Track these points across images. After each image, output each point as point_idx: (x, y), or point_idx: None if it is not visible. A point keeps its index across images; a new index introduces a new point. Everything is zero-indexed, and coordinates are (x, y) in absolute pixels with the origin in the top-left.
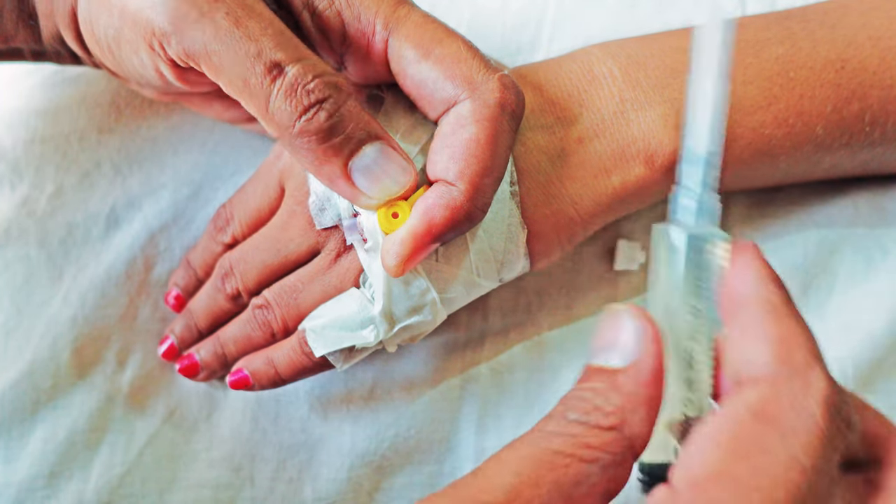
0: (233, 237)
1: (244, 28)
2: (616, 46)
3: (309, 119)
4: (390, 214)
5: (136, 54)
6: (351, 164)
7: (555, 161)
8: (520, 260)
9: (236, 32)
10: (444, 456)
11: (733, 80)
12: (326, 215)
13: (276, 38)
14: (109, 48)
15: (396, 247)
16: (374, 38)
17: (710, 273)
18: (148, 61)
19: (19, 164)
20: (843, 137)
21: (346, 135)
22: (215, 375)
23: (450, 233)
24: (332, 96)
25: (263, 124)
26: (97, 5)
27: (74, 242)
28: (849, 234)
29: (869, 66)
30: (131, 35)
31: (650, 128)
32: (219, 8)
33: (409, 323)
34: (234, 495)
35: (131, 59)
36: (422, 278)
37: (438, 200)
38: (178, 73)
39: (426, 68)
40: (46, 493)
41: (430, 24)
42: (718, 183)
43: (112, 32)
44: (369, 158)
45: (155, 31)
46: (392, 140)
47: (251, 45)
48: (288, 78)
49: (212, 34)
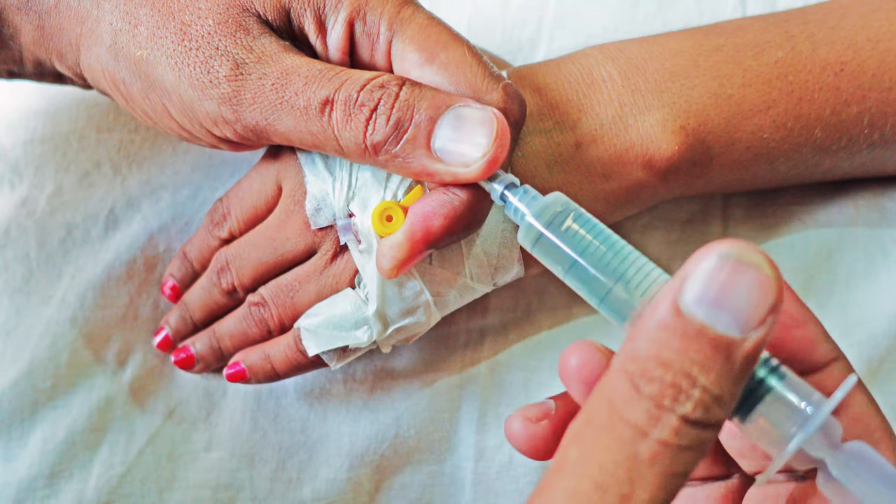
0: (229, 232)
1: (289, 87)
2: (615, 49)
3: (373, 132)
4: (384, 217)
5: (181, 127)
6: (433, 147)
7: (552, 166)
8: (514, 265)
9: (284, 95)
10: (444, 455)
11: (732, 83)
12: (322, 215)
13: (314, 77)
14: (144, 111)
15: (392, 250)
16: (379, 40)
17: None
18: (199, 133)
19: (19, 164)
20: (842, 140)
21: (415, 124)
22: (210, 368)
23: (446, 239)
24: (381, 98)
25: (353, 160)
26: (130, 74)
27: (74, 242)
28: (849, 233)
29: (868, 68)
30: (179, 114)
31: (649, 132)
32: (264, 83)
33: (403, 324)
34: (233, 495)
35: (170, 124)
36: (416, 280)
37: (439, 208)
38: (232, 145)
39: (430, 73)
40: (46, 493)
41: (435, 26)
42: (715, 185)
43: (151, 102)
44: (448, 131)
45: (216, 120)
46: (459, 98)
47: (298, 99)
48: (339, 107)
49: (267, 108)
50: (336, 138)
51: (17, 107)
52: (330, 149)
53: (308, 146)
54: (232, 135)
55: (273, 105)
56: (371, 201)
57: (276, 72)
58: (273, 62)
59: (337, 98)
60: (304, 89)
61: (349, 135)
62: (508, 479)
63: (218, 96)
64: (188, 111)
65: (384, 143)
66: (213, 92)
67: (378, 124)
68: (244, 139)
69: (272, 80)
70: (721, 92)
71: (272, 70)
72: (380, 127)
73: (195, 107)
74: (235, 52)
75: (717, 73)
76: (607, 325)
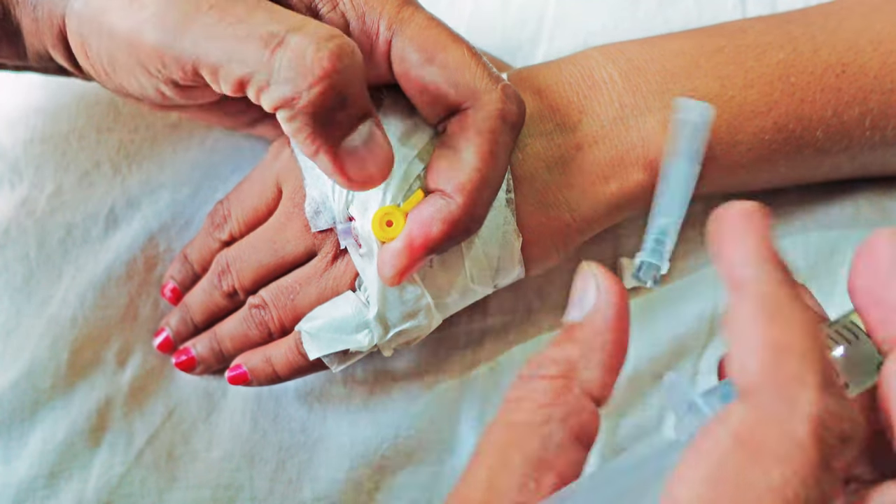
0: (230, 234)
1: (231, 15)
2: (616, 50)
3: (321, 92)
4: (385, 222)
5: (134, 77)
6: (343, 143)
7: (552, 168)
8: (515, 267)
9: (222, 22)
10: (444, 456)
11: (734, 84)
12: (321, 218)
13: (268, 13)
14: (104, 70)
15: (393, 259)
16: (378, 40)
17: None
18: (147, 83)
19: (19, 163)
20: (844, 141)
21: (350, 111)
22: (211, 370)
23: (446, 244)
24: (346, 66)
25: (265, 102)
26: (88, 28)
27: (74, 242)
28: (850, 234)
29: (870, 70)
30: (126, 59)
31: (649, 134)
32: (200, 6)
33: (404, 328)
34: (233, 496)
35: (129, 80)
36: (417, 284)
37: (436, 214)
38: (180, 90)
39: (429, 73)
40: (46, 493)
41: (435, 27)
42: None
43: (105, 56)
44: (360, 139)
45: (149, 53)
46: (378, 118)
47: (240, 26)
48: (292, 46)
49: (200, 34)
50: (270, 74)
51: (16, 106)
52: (253, 87)
53: (230, 85)
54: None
55: (209, 30)
56: (371, 204)
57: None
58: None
59: (291, 37)
60: (247, 18)
61: (289, 76)
62: None
63: (148, 19)
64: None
65: (316, 108)
66: (141, 15)
67: (327, 90)
68: (179, 89)
69: (211, 3)
70: (722, 93)
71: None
72: (325, 93)
73: (130, 40)
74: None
75: (718, 74)
76: None
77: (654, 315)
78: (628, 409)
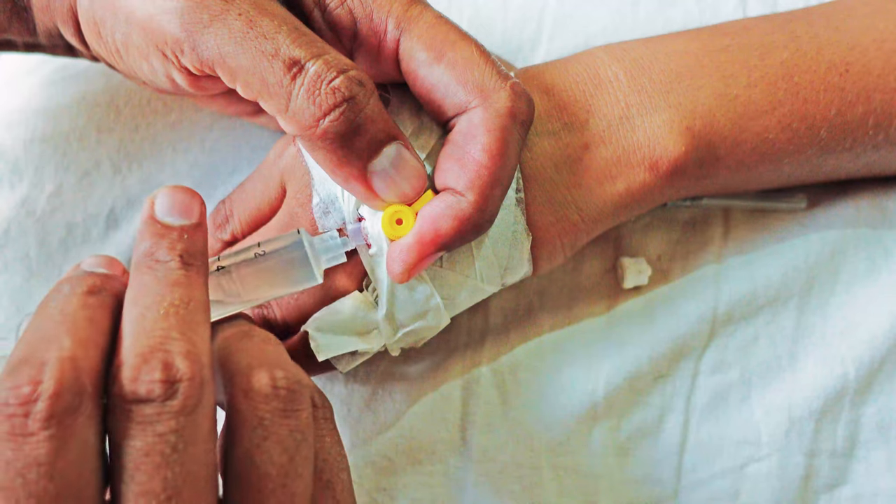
0: (232, 235)
1: (258, 27)
2: (620, 49)
3: (333, 120)
4: (395, 220)
5: (147, 60)
6: (370, 167)
7: (561, 168)
8: (523, 265)
9: (250, 32)
10: (444, 456)
11: (738, 83)
12: (331, 219)
13: (293, 34)
14: (117, 51)
15: (403, 255)
16: (386, 38)
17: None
18: (160, 67)
19: (19, 163)
20: (847, 141)
21: (368, 137)
22: None
23: (457, 241)
24: (357, 95)
25: (283, 124)
26: (102, 8)
27: (74, 242)
28: (850, 234)
29: (873, 69)
30: (141, 42)
31: (655, 133)
32: (230, 10)
33: (413, 328)
34: None
35: (140, 63)
36: (426, 284)
37: (447, 211)
38: (192, 80)
39: (438, 72)
40: None
41: (444, 25)
42: (720, 186)
43: (119, 37)
44: (388, 161)
45: (168, 40)
46: (407, 140)
47: (266, 43)
48: (310, 75)
49: (225, 37)
50: (288, 99)
51: (17, 106)
52: (272, 105)
53: (249, 92)
54: (180, 69)
55: (234, 35)
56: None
57: (248, 3)
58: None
59: (310, 66)
60: (275, 34)
61: (306, 106)
62: (510, 479)
63: (173, 9)
64: (143, 33)
65: (334, 136)
66: (167, 4)
67: (343, 118)
68: (191, 79)
69: (240, 8)
70: (727, 92)
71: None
72: (342, 121)
73: (148, 25)
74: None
75: (722, 73)
76: (609, 326)
77: (654, 315)
78: (628, 409)
